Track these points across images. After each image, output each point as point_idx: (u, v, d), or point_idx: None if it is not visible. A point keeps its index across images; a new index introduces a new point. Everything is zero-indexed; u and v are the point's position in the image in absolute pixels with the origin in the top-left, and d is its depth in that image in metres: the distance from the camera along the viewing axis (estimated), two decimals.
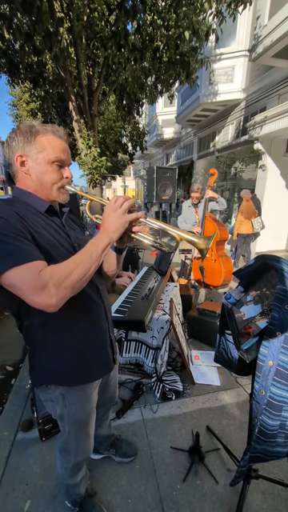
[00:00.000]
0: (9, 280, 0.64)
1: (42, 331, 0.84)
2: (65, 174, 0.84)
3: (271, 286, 0.97)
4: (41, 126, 0.80)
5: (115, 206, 0.77)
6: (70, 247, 0.83)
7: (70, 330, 0.87)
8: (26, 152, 0.78)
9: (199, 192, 3.45)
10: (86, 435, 1.04)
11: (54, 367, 0.88)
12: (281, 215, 6.08)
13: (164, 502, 1.28)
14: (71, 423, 0.98)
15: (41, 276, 0.63)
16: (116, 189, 26.85)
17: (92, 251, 0.73)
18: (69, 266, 0.69)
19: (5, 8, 3.33)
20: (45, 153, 0.78)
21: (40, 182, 0.81)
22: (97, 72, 4.92)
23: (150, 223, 0.84)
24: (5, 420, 1.77)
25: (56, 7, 3.66)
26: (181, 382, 2.04)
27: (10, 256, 0.64)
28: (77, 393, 0.93)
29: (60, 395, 0.91)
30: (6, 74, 5.05)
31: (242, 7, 3.74)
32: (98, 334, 0.96)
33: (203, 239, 0.82)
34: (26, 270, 0.64)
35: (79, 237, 0.92)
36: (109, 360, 1.01)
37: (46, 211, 0.83)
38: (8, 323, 3.28)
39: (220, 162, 8.43)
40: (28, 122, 0.81)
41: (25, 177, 0.81)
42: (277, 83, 5.36)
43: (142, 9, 3.63)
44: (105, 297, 1.00)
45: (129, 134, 10.74)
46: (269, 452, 0.93)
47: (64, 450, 1.06)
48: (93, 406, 1.01)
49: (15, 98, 11.51)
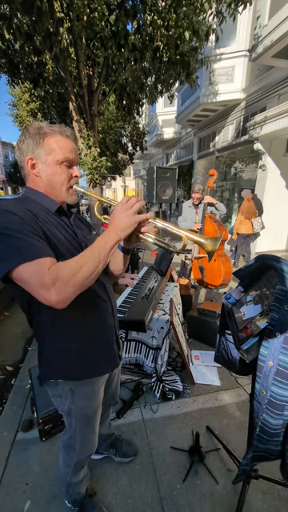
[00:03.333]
0: (20, 275, 0.66)
1: (51, 326, 0.86)
2: (74, 173, 0.86)
3: (271, 286, 0.97)
4: (48, 128, 0.81)
5: (126, 205, 0.78)
6: (77, 246, 0.86)
7: (79, 325, 0.89)
8: (36, 155, 0.80)
9: (200, 192, 3.47)
10: (91, 431, 1.06)
11: (63, 362, 0.90)
12: (281, 215, 6.08)
13: (164, 501, 1.28)
14: (78, 418, 0.99)
15: (50, 273, 0.65)
16: (116, 189, 26.84)
17: (100, 249, 0.74)
18: (77, 263, 0.70)
19: (5, 8, 3.32)
20: (53, 154, 0.81)
21: (50, 184, 0.84)
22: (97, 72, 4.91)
23: (158, 224, 0.85)
24: (5, 420, 1.77)
25: (56, 7, 3.65)
26: (181, 382, 2.04)
27: (22, 252, 0.66)
28: (85, 387, 0.95)
29: (69, 390, 0.93)
30: (6, 74, 5.04)
31: (242, 7, 3.73)
32: (105, 330, 0.98)
33: (210, 240, 0.83)
34: (36, 266, 0.65)
35: (86, 236, 0.95)
36: (115, 356, 1.04)
37: (55, 211, 0.85)
38: (8, 323, 3.28)
39: (220, 162, 8.43)
40: (36, 124, 0.82)
41: (36, 179, 0.84)
42: (277, 83, 5.36)
43: (142, 9, 3.63)
44: (111, 294, 1.03)
45: (129, 134, 10.74)
46: (273, 451, 0.94)
47: (69, 446, 1.07)
48: (99, 401, 1.03)
49: (15, 98, 11.51)
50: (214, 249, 0.82)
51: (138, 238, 0.87)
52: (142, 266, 3.76)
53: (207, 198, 3.25)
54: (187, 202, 3.69)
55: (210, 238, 0.84)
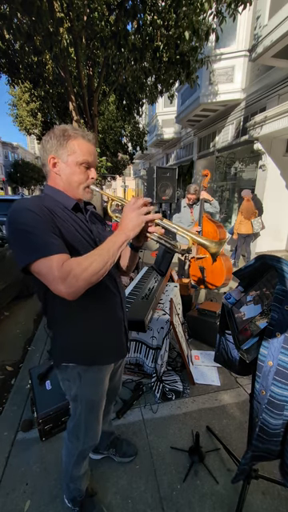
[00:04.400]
0: (37, 268, 0.73)
1: (64, 315, 0.93)
2: (90, 175, 0.92)
3: (271, 286, 0.97)
4: (72, 131, 0.88)
5: (134, 206, 0.83)
6: (91, 241, 0.91)
7: (90, 315, 0.95)
8: (59, 154, 0.87)
9: (195, 194, 3.48)
10: (95, 419, 1.08)
11: (75, 348, 0.96)
12: (281, 215, 6.08)
13: (164, 501, 1.28)
14: (84, 403, 1.03)
15: (63, 268, 0.71)
16: (116, 189, 26.85)
17: (109, 247, 0.79)
18: (87, 260, 0.75)
19: (5, 8, 3.32)
20: (74, 156, 0.87)
21: (68, 182, 0.90)
22: (97, 72, 4.92)
23: (164, 225, 0.89)
24: (5, 420, 1.77)
25: (56, 7, 3.65)
26: (181, 382, 2.04)
27: (40, 248, 0.72)
28: (93, 373, 1.00)
29: (77, 374, 0.97)
30: (6, 74, 5.05)
31: (242, 7, 3.73)
32: (114, 321, 1.04)
33: (215, 243, 0.88)
34: (51, 261, 0.72)
35: (100, 232, 1.00)
36: (123, 347, 1.10)
37: (72, 208, 0.90)
38: (8, 323, 3.28)
39: (220, 162, 8.43)
40: (62, 126, 0.89)
41: (56, 177, 0.90)
42: (277, 83, 5.36)
43: (142, 9, 3.63)
44: (121, 288, 1.08)
45: (129, 134, 10.75)
46: (272, 451, 0.94)
47: (73, 435, 1.10)
48: (105, 389, 1.07)
49: (15, 98, 11.53)
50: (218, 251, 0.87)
51: (146, 236, 0.92)
52: (142, 266, 3.76)
53: (203, 193, 3.25)
54: (183, 201, 3.71)
55: (214, 241, 0.89)
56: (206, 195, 3.26)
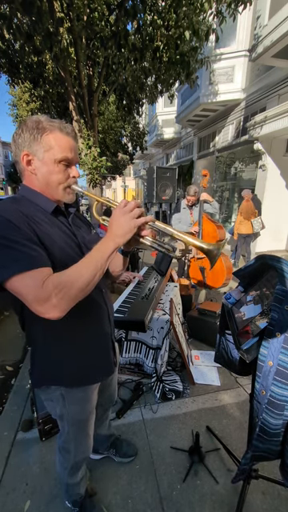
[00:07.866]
0: (14, 287, 0.64)
1: (44, 332, 0.84)
2: (71, 174, 0.82)
3: (271, 286, 0.97)
4: (48, 123, 0.76)
5: (124, 210, 0.73)
6: (76, 247, 0.83)
7: (73, 332, 0.86)
8: (33, 151, 0.76)
9: (195, 196, 3.49)
10: (85, 435, 1.04)
11: (56, 369, 0.88)
12: (281, 215, 6.08)
13: (164, 501, 1.28)
14: (71, 423, 0.97)
15: (44, 287, 0.62)
16: (116, 189, 26.83)
17: (97, 259, 0.70)
18: (73, 275, 0.66)
19: (5, 8, 3.32)
20: (51, 152, 0.76)
21: (46, 182, 0.79)
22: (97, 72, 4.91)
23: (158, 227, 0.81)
24: (5, 420, 1.77)
25: (56, 7, 3.65)
26: (181, 382, 2.04)
27: (15, 262, 0.63)
28: (77, 394, 0.93)
29: (60, 395, 0.91)
30: (6, 73, 5.04)
31: (242, 7, 3.72)
32: (100, 337, 0.95)
33: (213, 246, 0.79)
34: (29, 279, 0.63)
35: (85, 236, 0.92)
36: (110, 363, 1.02)
37: (52, 212, 0.81)
38: (8, 323, 3.28)
39: (220, 162, 8.43)
40: (35, 117, 0.77)
41: (31, 176, 0.79)
42: (277, 83, 5.36)
43: (142, 9, 3.62)
44: (108, 300, 1.00)
45: (129, 134, 10.73)
46: (272, 451, 0.93)
47: (64, 449, 1.07)
48: (92, 406, 1.01)
49: (15, 98, 11.50)
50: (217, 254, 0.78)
51: (137, 241, 0.83)
52: (142, 266, 3.76)
53: (204, 194, 3.26)
54: (183, 202, 3.71)
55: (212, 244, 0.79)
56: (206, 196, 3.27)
